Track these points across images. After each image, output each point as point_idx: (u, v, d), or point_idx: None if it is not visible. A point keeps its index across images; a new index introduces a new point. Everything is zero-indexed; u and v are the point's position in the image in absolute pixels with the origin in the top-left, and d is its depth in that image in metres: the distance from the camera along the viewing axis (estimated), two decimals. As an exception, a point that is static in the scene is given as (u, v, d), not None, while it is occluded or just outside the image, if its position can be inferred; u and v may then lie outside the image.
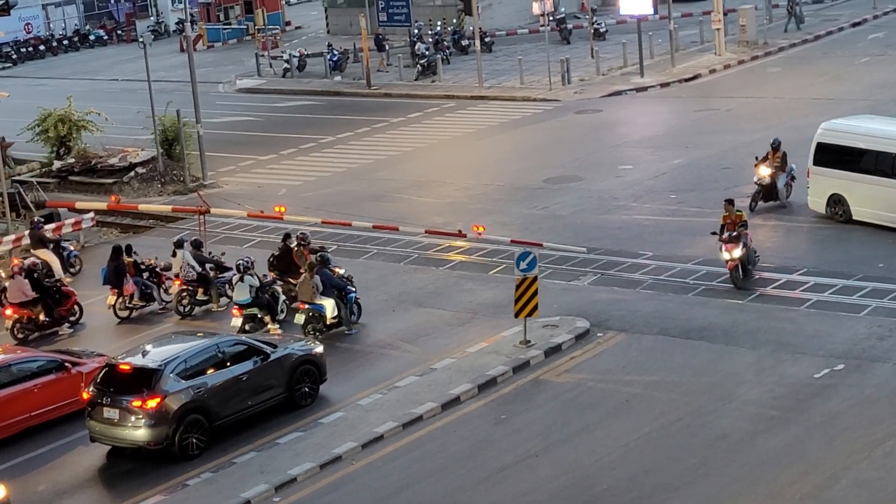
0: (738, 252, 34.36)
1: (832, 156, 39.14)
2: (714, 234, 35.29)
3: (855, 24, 73.24)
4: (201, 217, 43.53)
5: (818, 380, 28.73)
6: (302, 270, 34.54)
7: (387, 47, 73.10)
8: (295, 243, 36.15)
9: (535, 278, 31.68)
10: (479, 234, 39.14)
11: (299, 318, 33.59)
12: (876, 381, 28.36)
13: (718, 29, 66.51)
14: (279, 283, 35.56)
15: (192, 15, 77.90)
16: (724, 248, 34.55)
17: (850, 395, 27.84)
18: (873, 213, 38.16)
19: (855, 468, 24.71)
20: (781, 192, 40.75)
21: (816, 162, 39.56)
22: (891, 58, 63.33)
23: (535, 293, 31.61)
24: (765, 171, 40.45)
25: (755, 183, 40.74)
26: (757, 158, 40.88)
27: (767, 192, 40.67)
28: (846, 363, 29.38)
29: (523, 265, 31.49)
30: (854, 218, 38.67)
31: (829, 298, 33.26)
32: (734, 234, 34.53)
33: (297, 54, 74.86)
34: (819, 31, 71.59)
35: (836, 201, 39.09)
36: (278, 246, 37.02)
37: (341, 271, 34.89)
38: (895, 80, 58.14)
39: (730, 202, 35.54)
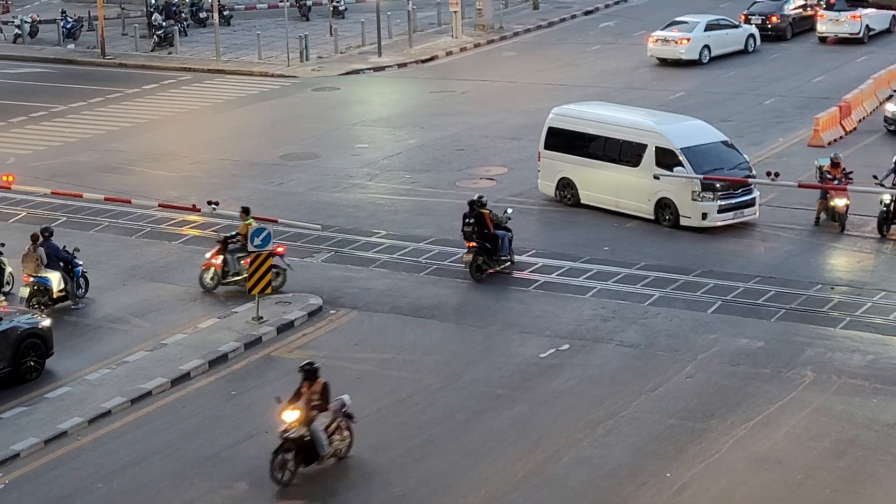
0: (218, 260, 33.68)
1: (562, 140, 40.04)
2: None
3: (587, 13, 75.10)
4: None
5: (544, 359, 29.45)
6: (488, 232, 33.92)
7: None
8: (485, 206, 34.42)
9: (270, 254, 31.68)
10: (214, 208, 38.86)
11: (24, 291, 32.77)
12: (598, 362, 29.20)
13: (456, 12, 67.42)
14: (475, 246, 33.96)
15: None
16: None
17: (574, 374, 28.61)
18: (600, 198, 39.20)
19: (577, 446, 25.39)
20: None
21: (547, 146, 40.41)
22: (620, 46, 65.11)
23: (269, 269, 31.61)
24: None
25: None
26: None
27: None
28: (571, 343, 30.17)
29: (257, 241, 31.45)
30: (582, 202, 39.66)
31: (557, 280, 34.08)
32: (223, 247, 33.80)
33: (30, 20, 72.80)
34: (553, 17, 73.19)
35: (565, 185, 40.01)
36: (468, 214, 34.36)
37: None
38: (625, 68, 59.89)
39: (245, 210, 34.15)
